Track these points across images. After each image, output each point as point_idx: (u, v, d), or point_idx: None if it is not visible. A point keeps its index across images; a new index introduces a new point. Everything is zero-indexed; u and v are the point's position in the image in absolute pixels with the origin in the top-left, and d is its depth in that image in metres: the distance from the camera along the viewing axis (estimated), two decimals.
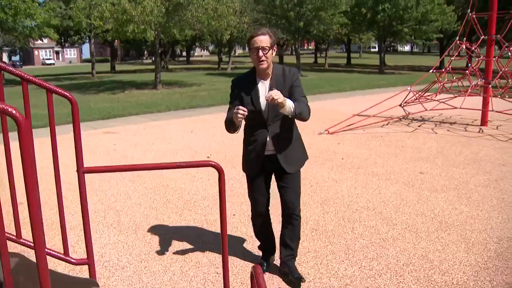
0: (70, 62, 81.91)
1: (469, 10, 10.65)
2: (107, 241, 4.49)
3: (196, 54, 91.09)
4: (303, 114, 3.28)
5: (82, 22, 24.18)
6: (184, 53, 70.43)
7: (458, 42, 11.04)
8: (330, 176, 6.44)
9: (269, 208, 3.76)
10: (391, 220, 4.74)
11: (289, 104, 3.17)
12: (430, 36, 32.99)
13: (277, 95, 3.03)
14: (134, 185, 6.32)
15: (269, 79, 3.38)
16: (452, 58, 11.30)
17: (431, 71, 11.33)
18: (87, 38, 33.82)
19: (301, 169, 3.64)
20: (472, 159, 7.37)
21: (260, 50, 3.19)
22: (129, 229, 4.78)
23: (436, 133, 9.66)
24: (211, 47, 78.17)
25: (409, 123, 10.89)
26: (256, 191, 3.65)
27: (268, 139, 3.46)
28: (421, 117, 11.63)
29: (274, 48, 3.32)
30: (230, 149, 8.35)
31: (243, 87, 3.42)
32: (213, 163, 2.53)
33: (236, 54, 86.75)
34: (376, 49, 66.92)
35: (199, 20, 18.70)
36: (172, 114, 13.37)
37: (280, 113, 3.30)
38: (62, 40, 38.73)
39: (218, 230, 4.62)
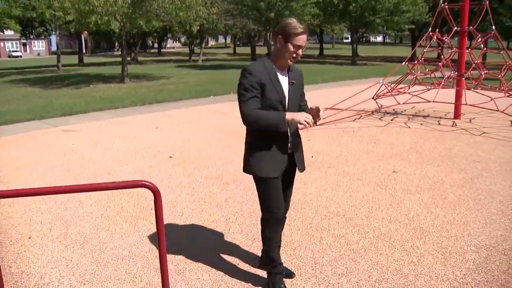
0: (38, 54, 79.50)
1: (441, 0, 10.38)
2: (49, 259, 4.01)
3: (168, 45, 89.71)
4: None
5: (45, 13, 23.13)
6: (156, 45, 69.13)
7: (430, 33, 10.77)
8: (298, 177, 6.03)
9: None
10: (362, 228, 4.38)
11: None
12: (402, 27, 32.95)
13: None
14: None
15: (287, 71, 3.19)
16: (425, 50, 11.05)
17: (403, 63, 11.05)
18: (52, 30, 32.63)
19: None
20: (446, 155, 7.10)
21: (301, 49, 3.08)
22: (76, 243, 4.31)
23: (409, 127, 9.39)
24: (183, 39, 76.96)
25: (381, 117, 10.61)
26: (275, 196, 3.21)
27: (289, 134, 3.19)
28: (394, 110, 11.37)
29: None
30: (196, 147, 7.91)
31: (264, 75, 3.06)
32: (147, 183, 2.11)
33: (209, 45, 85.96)
34: (349, 40, 66.97)
35: (166, 11, 18.04)
36: (138, 110, 12.80)
37: (297, 105, 3.25)
38: (27, 32, 37.31)
39: (173, 242, 4.20)
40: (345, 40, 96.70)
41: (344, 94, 12.16)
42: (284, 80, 3.15)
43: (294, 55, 3.05)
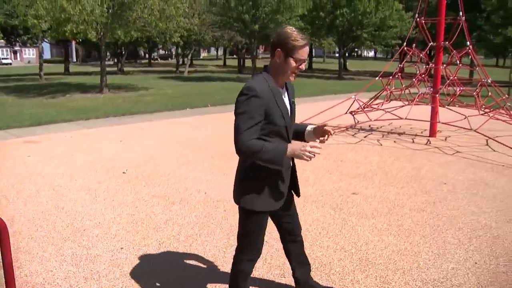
0: (28, 62, 78.71)
1: (417, 14, 10.14)
2: None
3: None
4: None
5: (27, 21, 22.77)
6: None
7: (406, 48, 10.52)
8: None
9: None
10: None
11: None
12: (389, 41, 32.88)
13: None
14: (26, 207, 5.42)
15: (285, 88, 2.78)
16: (401, 65, 10.79)
17: (377, 78, 10.78)
18: (36, 38, 32.18)
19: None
20: (414, 176, 6.76)
21: (303, 63, 2.66)
22: None
23: (381, 145, 9.08)
24: (173, 50, 76.68)
25: (355, 133, 10.29)
26: (263, 231, 2.87)
27: (291, 161, 2.85)
28: (369, 126, 11.07)
29: None
30: (154, 162, 7.53)
31: (270, 98, 2.59)
32: None
33: (201, 57, 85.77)
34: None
35: (146, 21, 17.74)
36: (109, 121, 12.42)
37: (293, 128, 2.85)
38: (12, 40, 36.84)
39: (94, 269, 3.81)
40: (337, 55, 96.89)
41: (323, 108, 11.85)
42: (286, 101, 2.73)
43: (297, 70, 2.63)
